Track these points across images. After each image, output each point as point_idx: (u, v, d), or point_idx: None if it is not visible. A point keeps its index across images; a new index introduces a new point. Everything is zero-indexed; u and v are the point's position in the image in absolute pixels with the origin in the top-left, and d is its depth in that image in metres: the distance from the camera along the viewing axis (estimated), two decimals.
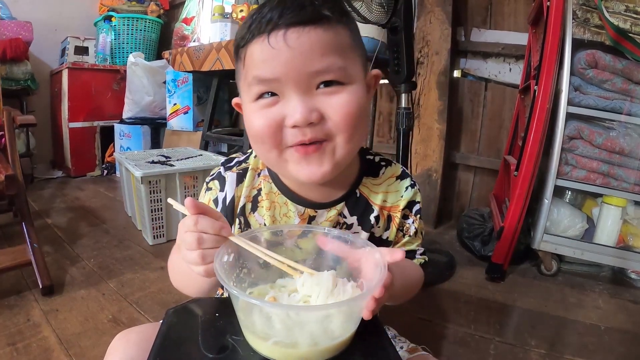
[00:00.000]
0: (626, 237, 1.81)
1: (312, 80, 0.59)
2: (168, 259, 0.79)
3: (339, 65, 0.59)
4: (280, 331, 0.49)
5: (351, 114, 0.60)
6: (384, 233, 0.80)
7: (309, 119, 0.58)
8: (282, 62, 0.57)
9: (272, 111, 0.60)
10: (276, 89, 0.60)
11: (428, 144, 2.48)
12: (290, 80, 0.58)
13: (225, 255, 0.56)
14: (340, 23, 0.61)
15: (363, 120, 0.65)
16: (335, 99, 0.60)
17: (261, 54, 0.59)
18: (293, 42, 0.57)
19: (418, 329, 1.44)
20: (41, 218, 2.49)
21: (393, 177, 0.80)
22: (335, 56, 0.59)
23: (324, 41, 0.58)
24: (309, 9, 0.58)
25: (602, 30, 1.72)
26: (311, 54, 0.57)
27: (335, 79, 0.60)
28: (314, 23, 0.58)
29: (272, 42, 0.57)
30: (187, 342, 0.53)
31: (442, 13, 2.38)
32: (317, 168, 0.63)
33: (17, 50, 3.21)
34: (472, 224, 2.16)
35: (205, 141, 2.95)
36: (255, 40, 0.59)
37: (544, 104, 1.70)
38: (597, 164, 1.77)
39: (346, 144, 0.62)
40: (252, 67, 0.61)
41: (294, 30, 0.57)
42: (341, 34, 0.61)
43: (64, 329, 1.37)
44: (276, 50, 0.57)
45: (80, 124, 3.64)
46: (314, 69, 0.58)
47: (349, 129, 0.61)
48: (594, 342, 1.41)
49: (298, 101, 0.59)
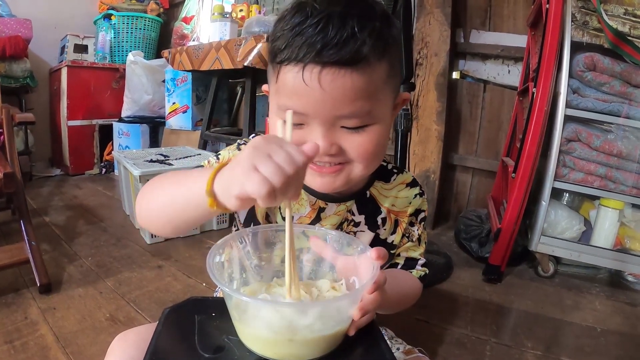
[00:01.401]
0: (623, 240, 1.82)
1: (337, 121, 0.60)
2: (145, 201, 0.66)
3: (366, 110, 0.60)
4: (273, 329, 0.49)
5: (369, 151, 0.63)
6: (390, 237, 0.82)
7: (328, 152, 0.61)
8: (312, 101, 0.58)
9: (296, 134, 0.60)
10: (302, 120, 0.61)
11: (426, 145, 2.48)
12: (317, 117, 0.59)
13: (217, 256, 0.56)
14: (379, 62, 0.59)
15: (382, 150, 0.67)
16: (356, 137, 0.62)
17: (294, 85, 0.58)
18: (327, 85, 0.56)
19: (415, 330, 1.44)
20: (39, 216, 2.49)
21: (403, 184, 0.83)
22: (364, 101, 0.59)
23: (356, 87, 0.57)
24: (350, 48, 0.55)
25: (601, 33, 1.72)
26: (342, 99, 0.57)
27: (359, 124, 0.61)
28: (352, 65, 0.56)
29: (307, 78, 0.56)
30: (183, 341, 0.53)
31: (441, 14, 2.39)
32: (330, 183, 0.65)
33: (17, 47, 3.20)
34: (469, 226, 2.16)
35: (204, 140, 2.95)
36: (291, 66, 0.58)
37: (542, 106, 1.71)
38: (594, 167, 1.77)
39: (363, 169, 0.66)
40: (284, 92, 0.61)
41: (329, 72, 0.56)
42: (377, 73, 0.59)
43: (62, 327, 1.37)
44: (309, 88, 0.57)
45: (79, 122, 3.64)
46: (340, 114, 0.59)
47: (365, 161, 0.64)
48: (590, 344, 1.42)
49: (321, 135, 0.60)
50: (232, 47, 2.33)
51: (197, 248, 2.09)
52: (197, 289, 1.68)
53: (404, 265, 0.84)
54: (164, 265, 1.87)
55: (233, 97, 3.60)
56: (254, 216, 0.78)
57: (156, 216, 0.64)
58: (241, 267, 0.61)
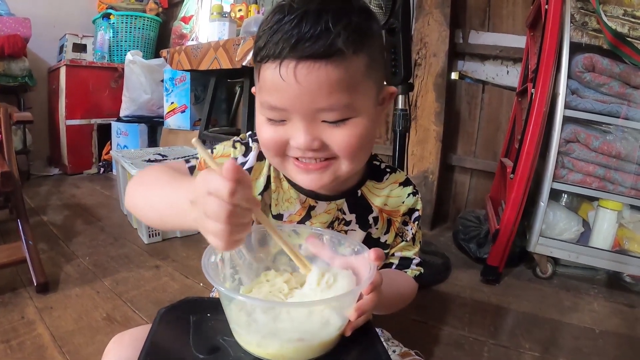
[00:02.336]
0: (622, 241, 1.81)
1: (317, 114, 0.60)
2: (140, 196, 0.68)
3: (345, 103, 0.60)
4: (269, 330, 0.49)
5: (352, 145, 0.63)
6: (383, 236, 0.82)
7: (310, 146, 0.61)
8: (290, 96, 0.59)
9: (279, 130, 0.63)
10: (284, 116, 0.62)
11: (425, 145, 2.48)
12: (296, 112, 0.60)
13: (212, 256, 0.56)
14: (356, 53, 0.59)
15: (367, 144, 0.66)
16: (338, 131, 0.61)
17: (272, 81, 0.59)
18: (302, 79, 0.57)
19: (412, 331, 1.44)
20: (37, 215, 2.48)
21: (396, 183, 0.82)
22: (341, 94, 0.59)
23: (332, 79, 0.57)
24: (323, 42, 0.56)
25: (600, 34, 1.72)
26: (318, 92, 0.58)
27: (339, 117, 0.61)
28: (326, 58, 0.57)
29: (283, 73, 0.57)
30: (178, 342, 0.53)
31: (440, 15, 2.39)
32: (317, 179, 0.65)
33: (15, 46, 3.19)
34: (468, 226, 2.16)
35: (202, 140, 2.94)
36: (269, 63, 0.59)
37: (541, 107, 1.71)
38: (593, 168, 1.77)
39: (349, 165, 0.65)
40: (265, 89, 0.62)
41: (304, 65, 0.56)
42: (353, 66, 0.59)
43: (58, 326, 1.37)
44: (286, 83, 0.57)
45: (77, 122, 3.63)
46: (319, 106, 0.59)
47: (350, 155, 0.64)
48: (588, 345, 1.42)
49: (302, 129, 0.60)
50: (231, 46, 2.32)
51: (195, 248, 2.09)
52: (194, 289, 1.68)
53: (398, 265, 0.83)
54: (162, 265, 1.87)
55: (231, 96, 3.59)
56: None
57: (145, 213, 0.66)
58: (233, 267, 0.61)
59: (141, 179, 0.69)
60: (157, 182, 0.65)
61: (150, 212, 0.64)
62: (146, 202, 0.65)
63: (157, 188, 0.64)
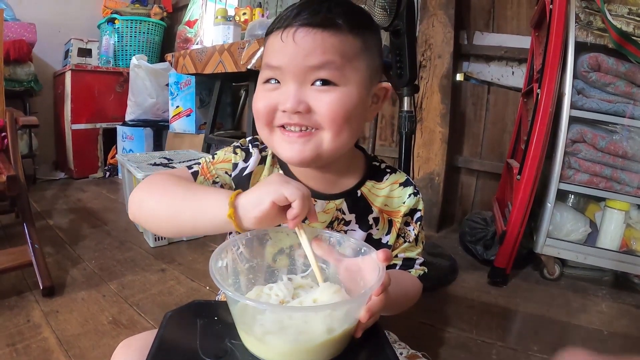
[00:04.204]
0: (629, 241, 1.80)
1: (309, 75, 0.65)
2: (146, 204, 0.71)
3: (336, 65, 0.64)
4: (278, 334, 0.49)
5: (337, 112, 0.65)
6: (385, 237, 0.82)
7: (296, 108, 0.64)
8: (286, 54, 0.65)
9: (272, 95, 0.67)
10: (279, 77, 0.67)
11: (430, 147, 2.48)
12: (289, 70, 0.65)
13: (219, 261, 0.56)
14: (352, 33, 0.66)
15: (353, 121, 0.68)
16: (324, 95, 0.65)
17: (273, 45, 0.67)
18: (299, 40, 0.64)
19: (420, 333, 1.43)
20: (43, 219, 2.49)
21: (396, 183, 0.82)
22: (333, 56, 0.64)
23: (326, 42, 0.64)
24: (322, 15, 0.64)
25: (605, 33, 1.71)
26: (313, 51, 0.63)
27: (329, 78, 0.65)
28: (323, 27, 0.64)
29: (284, 37, 0.65)
30: (185, 346, 0.53)
31: (444, 16, 2.38)
32: (299, 151, 0.67)
33: (21, 51, 3.21)
34: (474, 228, 2.15)
35: (208, 144, 2.95)
36: (274, 33, 0.67)
37: (546, 108, 1.70)
38: (600, 168, 1.76)
39: (333, 139, 0.67)
40: (266, 54, 0.70)
41: (302, 30, 0.64)
42: (349, 41, 0.66)
43: (64, 330, 1.37)
44: (285, 44, 0.64)
45: (82, 126, 3.65)
46: (310, 64, 0.64)
47: (334, 125, 0.66)
48: (597, 347, 1.41)
49: (291, 91, 0.65)
50: (236, 50, 2.33)
51: (201, 252, 2.09)
52: (200, 292, 1.68)
53: (401, 266, 0.83)
54: (167, 269, 1.87)
55: (236, 100, 3.60)
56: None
57: (160, 220, 0.69)
58: (235, 271, 0.61)
59: (149, 191, 0.71)
60: (169, 192, 0.68)
61: (166, 222, 0.68)
62: (161, 213, 0.68)
63: (173, 197, 0.67)
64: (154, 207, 0.69)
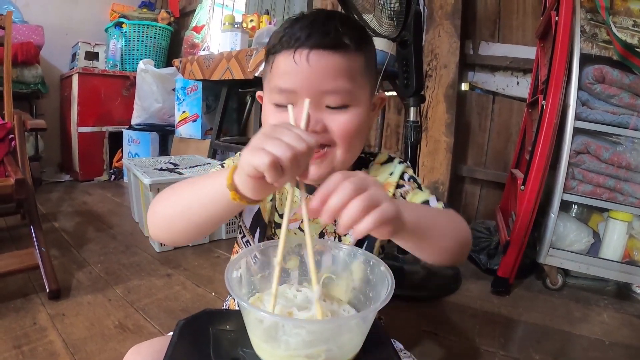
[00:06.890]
0: (632, 252, 1.81)
1: (323, 97, 0.67)
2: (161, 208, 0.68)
3: (347, 89, 0.67)
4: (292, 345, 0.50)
5: (350, 131, 0.69)
6: None
7: (314, 127, 0.67)
8: (301, 78, 0.66)
9: (284, 117, 0.65)
10: (292, 100, 0.66)
11: (435, 156, 2.49)
12: (304, 93, 0.65)
13: (235, 271, 0.57)
14: (358, 51, 0.69)
15: (362, 134, 0.73)
16: (339, 116, 0.68)
17: (285, 66, 0.67)
18: (314, 63, 0.65)
19: (423, 342, 1.44)
20: (48, 221, 2.51)
21: (379, 163, 0.84)
22: (345, 80, 0.67)
23: (338, 66, 0.66)
24: (332, 36, 0.66)
25: (610, 45, 1.72)
26: (326, 75, 0.66)
27: (342, 103, 0.68)
28: (334, 49, 0.66)
29: (297, 58, 0.65)
30: (198, 354, 0.53)
31: (450, 26, 2.40)
32: (315, 170, 0.68)
33: (28, 54, 3.24)
34: (478, 237, 2.15)
35: (214, 149, 2.97)
36: (283, 53, 0.67)
37: (551, 118, 1.71)
38: (603, 179, 1.77)
39: (344, 153, 0.70)
40: (277, 76, 0.69)
41: (316, 52, 0.65)
42: (356, 61, 0.69)
43: (70, 333, 1.38)
44: (298, 66, 0.65)
45: (89, 129, 3.67)
46: (325, 88, 0.66)
47: (347, 141, 0.69)
48: (598, 357, 1.41)
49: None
50: (243, 57, 2.35)
51: (206, 257, 2.10)
52: (206, 298, 1.69)
53: None
54: (173, 274, 1.88)
55: (243, 106, 3.61)
56: (259, 220, 0.80)
57: (172, 222, 0.66)
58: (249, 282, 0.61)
59: (157, 204, 0.68)
60: (179, 189, 0.65)
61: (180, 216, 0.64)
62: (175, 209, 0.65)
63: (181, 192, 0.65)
64: (165, 212, 0.67)
